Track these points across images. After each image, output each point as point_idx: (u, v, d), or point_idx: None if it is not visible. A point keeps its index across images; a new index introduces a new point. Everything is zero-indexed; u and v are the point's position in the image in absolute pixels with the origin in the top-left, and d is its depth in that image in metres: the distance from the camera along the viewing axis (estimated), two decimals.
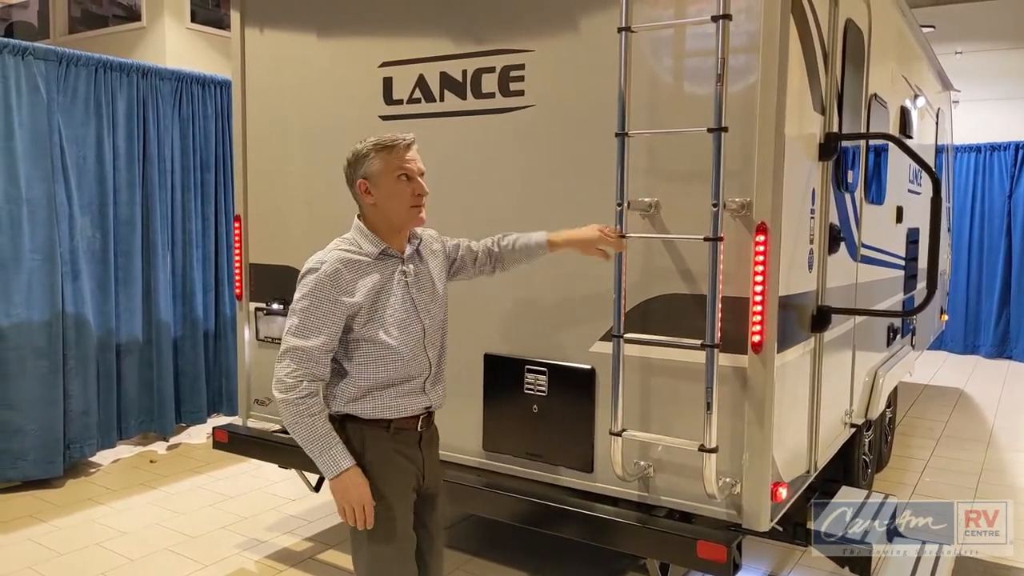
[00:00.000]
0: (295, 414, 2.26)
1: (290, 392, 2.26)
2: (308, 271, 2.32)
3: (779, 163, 2.73)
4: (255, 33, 4.00)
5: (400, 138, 2.36)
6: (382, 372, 2.35)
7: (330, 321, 2.28)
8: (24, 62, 4.85)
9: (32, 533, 4.30)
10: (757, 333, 2.76)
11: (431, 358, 2.45)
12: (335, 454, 2.28)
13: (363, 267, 2.34)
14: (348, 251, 2.35)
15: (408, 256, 2.44)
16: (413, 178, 2.36)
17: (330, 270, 2.29)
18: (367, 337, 2.33)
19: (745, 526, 2.86)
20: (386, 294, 2.36)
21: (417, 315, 2.40)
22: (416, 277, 2.44)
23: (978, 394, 8.08)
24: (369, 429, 2.37)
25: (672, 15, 2.90)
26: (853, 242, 3.75)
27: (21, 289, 4.82)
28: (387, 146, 2.34)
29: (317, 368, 2.29)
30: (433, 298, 2.48)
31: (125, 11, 10.45)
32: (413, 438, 2.44)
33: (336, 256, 2.32)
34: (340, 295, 2.29)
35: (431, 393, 2.46)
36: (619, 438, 2.90)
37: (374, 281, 2.34)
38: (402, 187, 2.35)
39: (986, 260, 10.20)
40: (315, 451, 2.28)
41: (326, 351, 2.30)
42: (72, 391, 5.08)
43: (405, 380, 2.38)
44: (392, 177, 2.34)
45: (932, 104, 6.19)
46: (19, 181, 4.81)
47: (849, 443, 4.07)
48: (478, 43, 3.32)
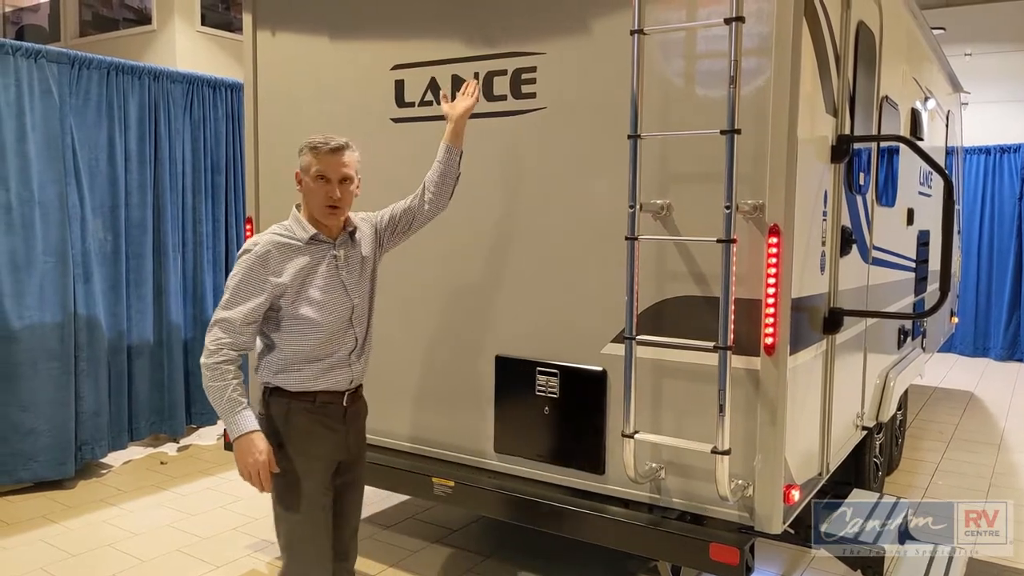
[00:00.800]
0: (211, 377, 2.47)
1: (210, 357, 2.48)
2: (243, 251, 2.56)
3: (792, 165, 2.73)
4: (267, 36, 4.02)
5: (326, 142, 2.57)
6: (306, 345, 2.56)
7: (255, 296, 2.50)
8: (37, 65, 4.88)
9: (44, 534, 4.32)
10: (770, 335, 2.76)
11: (357, 333, 2.67)
12: (240, 418, 2.47)
13: (293, 250, 2.57)
14: (281, 235, 2.59)
15: (340, 241, 2.66)
16: (330, 182, 2.56)
17: (261, 251, 2.53)
18: (293, 313, 2.54)
19: (757, 528, 2.85)
20: (314, 275, 2.58)
21: (347, 294, 2.63)
22: (346, 260, 2.67)
23: (988, 397, 8.04)
24: (295, 401, 2.58)
25: (684, 17, 2.90)
26: (865, 244, 3.74)
27: (34, 291, 4.85)
28: (314, 147, 2.58)
29: (239, 338, 2.50)
30: (362, 278, 2.71)
31: (135, 14, 10.49)
32: (338, 412, 2.65)
33: (268, 239, 2.57)
34: (267, 274, 2.52)
35: (355, 366, 2.67)
36: (631, 440, 2.90)
37: (303, 263, 2.56)
38: (319, 187, 2.57)
39: (996, 262, 10.16)
40: (224, 412, 2.48)
41: (249, 323, 2.51)
42: (84, 392, 5.10)
43: (330, 354, 2.60)
44: (312, 176, 2.57)
45: (942, 106, 6.17)
46: (32, 183, 4.84)
47: (860, 446, 4.06)
48: (490, 46, 3.33)
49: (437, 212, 2.99)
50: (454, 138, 2.97)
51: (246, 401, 2.49)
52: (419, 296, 3.63)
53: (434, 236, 3.54)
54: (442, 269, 3.56)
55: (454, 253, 3.52)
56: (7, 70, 4.74)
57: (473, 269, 3.47)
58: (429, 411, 3.63)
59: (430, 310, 3.60)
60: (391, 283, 3.67)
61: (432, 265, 3.59)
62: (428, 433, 3.64)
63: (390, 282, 3.67)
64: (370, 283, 2.77)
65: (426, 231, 3.52)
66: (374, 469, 3.66)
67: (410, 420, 3.70)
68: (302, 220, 2.62)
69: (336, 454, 2.67)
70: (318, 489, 2.60)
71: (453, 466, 3.53)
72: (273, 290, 2.52)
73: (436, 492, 3.45)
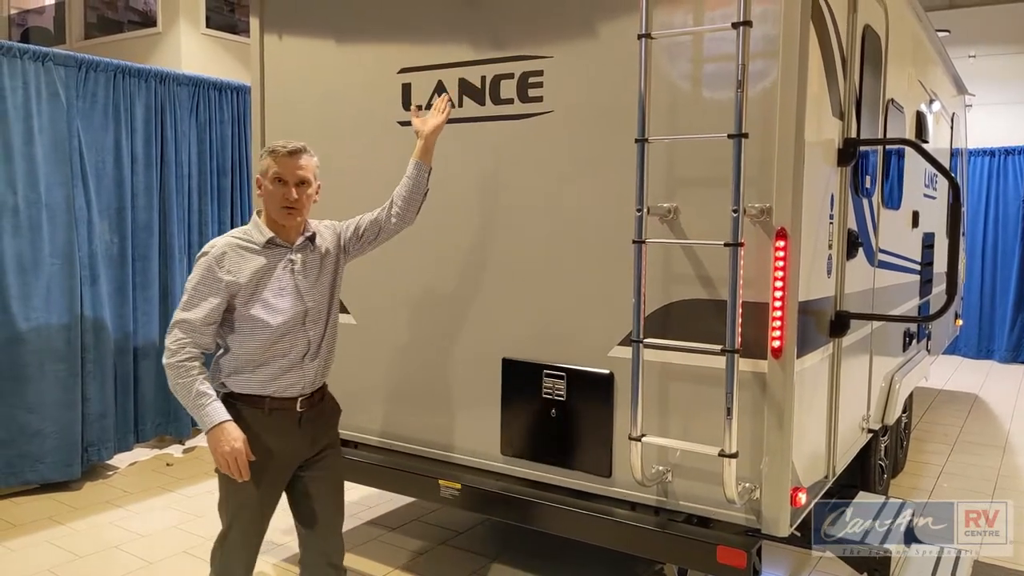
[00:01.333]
0: (177, 376, 2.54)
1: (173, 357, 2.55)
2: (201, 253, 2.64)
3: (799, 169, 2.73)
4: (274, 39, 4.03)
5: (282, 146, 2.65)
6: (256, 345, 2.62)
7: (212, 297, 2.58)
8: (44, 68, 4.90)
9: (50, 535, 4.33)
10: (777, 338, 2.76)
11: (311, 337, 2.72)
12: (211, 410, 2.53)
13: (249, 252, 2.65)
14: (239, 238, 2.67)
15: (297, 246, 2.72)
16: (287, 184, 2.63)
17: (217, 253, 2.61)
18: (245, 314, 2.61)
19: (764, 531, 2.86)
20: (269, 278, 2.65)
21: (300, 298, 2.69)
22: (303, 265, 2.73)
23: (993, 399, 8.03)
24: (245, 406, 2.64)
25: (691, 21, 2.91)
26: (871, 247, 3.75)
27: (40, 293, 4.87)
28: (273, 150, 2.66)
29: (200, 338, 2.58)
30: (319, 283, 2.76)
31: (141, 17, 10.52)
32: (291, 418, 2.69)
33: (226, 241, 2.65)
34: (223, 274, 2.59)
35: (307, 368, 2.71)
36: (638, 443, 2.90)
37: (258, 265, 2.64)
38: (276, 189, 2.64)
39: (1000, 264, 10.15)
40: (194, 407, 2.55)
41: (208, 323, 2.58)
42: (90, 394, 5.11)
43: (280, 355, 2.65)
44: (271, 178, 2.65)
45: (947, 108, 6.17)
46: (39, 186, 4.86)
47: (865, 448, 4.06)
48: (497, 49, 3.34)
49: (403, 227, 3.03)
50: (424, 154, 3.02)
51: (214, 394, 2.56)
52: (426, 299, 3.64)
53: (441, 240, 3.56)
54: (448, 272, 3.57)
55: (460, 256, 3.52)
56: (15, 73, 4.76)
57: (479, 272, 3.48)
58: (436, 414, 3.64)
59: (437, 313, 3.61)
60: (398, 286, 3.70)
61: (439, 268, 3.59)
62: (435, 436, 3.65)
63: (397, 285, 3.70)
64: (330, 288, 2.82)
65: (433, 235, 3.54)
66: (381, 471, 3.69)
67: (417, 422, 3.70)
68: (260, 225, 2.69)
69: (289, 459, 2.73)
70: (257, 493, 2.66)
71: (460, 469, 3.54)
72: (228, 289, 2.59)
73: (443, 494, 3.46)
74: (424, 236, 3.59)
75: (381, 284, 3.73)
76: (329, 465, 2.84)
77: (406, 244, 3.62)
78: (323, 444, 2.82)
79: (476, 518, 4.50)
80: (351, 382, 3.84)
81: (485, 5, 3.38)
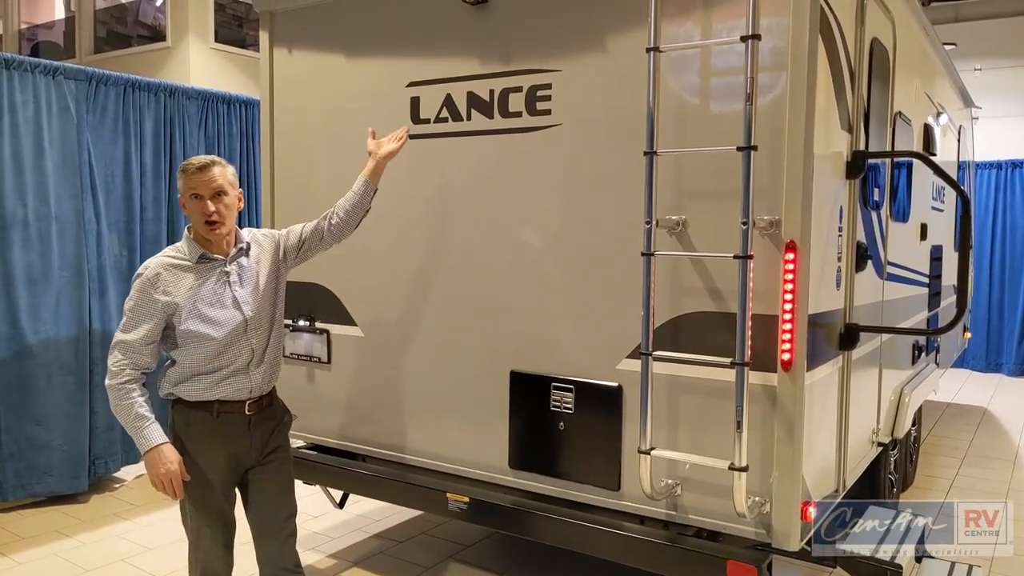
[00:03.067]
0: (117, 397, 2.63)
1: (114, 379, 2.63)
2: (136, 275, 2.71)
3: (808, 181, 2.73)
4: (283, 53, 4.05)
5: (192, 164, 2.73)
6: (200, 357, 2.69)
7: (149, 318, 2.65)
8: (55, 82, 4.94)
9: (57, 548, 4.33)
10: (787, 351, 2.76)
11: (254, 345, 2.79)
12: (148, 432, 2.62)
13: (182, 270, 2.72)
14: (171, 256, 2.74)
15: (231, 257, 2.80)
16: (203, 198, 2.69)
17: (151, 274, 2.68)
18: (187, 328, 2.67)
19: (775, 545, 2.84)
20: (205, 291, 2.71)
21: (239, 308, 2.76)
22: (239, 276, 2.80)
23: (1002, 412, 7.99)
24: (194, 412, 2.73)
25: (700, 35, 2.92)
26: (879, 260, 3.74)
27: (50, 305, 4.88)
28: (183, 170, 2.74)
29: (139, 359, 2.65)
30: (256, 292, 2.83)
31: (150, 31, 10.60)
32: (240, 421, 2.78)
33: (158, 262, 2.72)
34: (158, 295, 2.66)
35: (254, 374, 2.79)
36: (647, 456, 2.89)
37: (192, 281, 2.70)
38: (195, 205, 2.71)
39: (1008, 277, 10.11)
40: (132, 429, 2.64)
41: (147, 343, 2.65)
42: (97, 407, 5.11)
43: (226, 365, 2.73)
44: (188, 196, 2.72)
45: (954, 121, 6.17)
46: (49, 199, 4.88)
47: (875, 462, 4.04)
48: (505, 63, 3.35)
49: (340, 239, 3.15)
50: (374, 175, 3.14)
51: (152, 416, 2.65)
52: (434, 311, 3.64)
53: (449, 252, 3.56)
54: (456, 284, 3.57)
55: (468, 268, 3.53)
56: (26, 87, 4.80)
57: (487, 284, 3.48)
58: (444, 426, 3.63)
59: (445, 325, 3.61)
60: (406, 299, 3.69)
61: (446, 280, 3.60)
62: (443, 449, 3.64)
63: (405, 298, 3.70)
64: (272, 295, 2.90)
65: (441, 247, 3.55)
66: (388, 484, 3.68)
67: (425, 436, 3.70)
68: (191, 241, 2.76)
69: (239, 461, 2.82)
70: (215, 495, 2.77)
71: (468, 482, 3.53)
72: (164, 309, 2.66)
73: (451, 508, 3.45)
74: (432, 249, 3.60)
75: (389, 296, 3.73)
76: (278, 469, 2.92)
77: (414, 256, 3.63)
78: (272, 447, 2.90)
79: (484, 532, 4.48)
80: (359, 394, 3.85)
81: (493, 19, 3.40)
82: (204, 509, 2.78)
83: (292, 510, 2.98)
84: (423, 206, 3.62)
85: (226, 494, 2.83)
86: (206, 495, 2.77)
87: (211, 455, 2.74)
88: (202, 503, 2.77)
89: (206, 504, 2.78)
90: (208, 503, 2.78)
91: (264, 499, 2.89)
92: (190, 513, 2.81)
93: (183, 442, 2.74)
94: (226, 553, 2.86)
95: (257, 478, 2.88)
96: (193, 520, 2.81)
